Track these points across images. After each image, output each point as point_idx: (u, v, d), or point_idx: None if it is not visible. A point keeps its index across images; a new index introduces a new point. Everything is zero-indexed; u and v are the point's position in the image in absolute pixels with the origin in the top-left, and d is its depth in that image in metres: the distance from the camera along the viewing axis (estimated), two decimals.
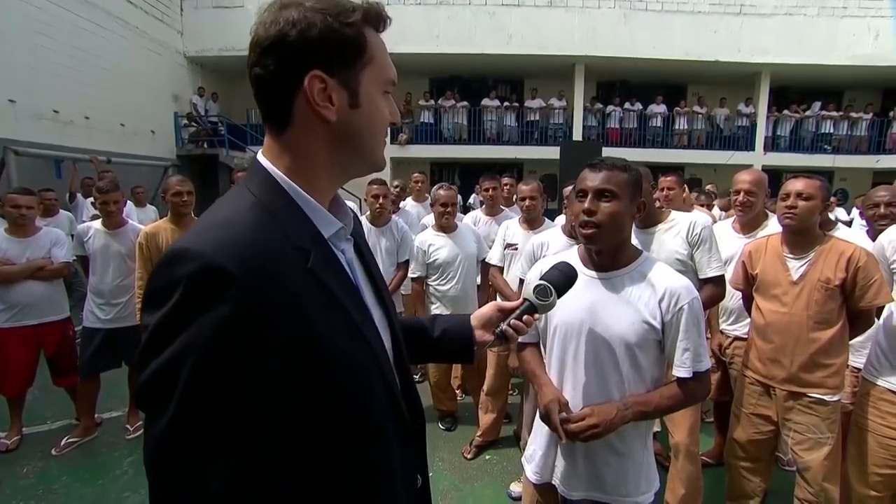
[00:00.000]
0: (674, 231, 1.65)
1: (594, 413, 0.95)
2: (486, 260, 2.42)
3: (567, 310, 1.01)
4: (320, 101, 0.53)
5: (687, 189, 2.74)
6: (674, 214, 1.69)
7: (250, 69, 0.53)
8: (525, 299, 0.78)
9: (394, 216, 2.77)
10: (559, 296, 0.81)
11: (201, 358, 0.43)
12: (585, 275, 1.02)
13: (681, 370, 0.97)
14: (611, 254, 1.00)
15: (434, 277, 2.43)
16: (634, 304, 0.96)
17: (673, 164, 10.11)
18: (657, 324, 0.95)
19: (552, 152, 7.55)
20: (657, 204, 1.75)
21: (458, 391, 2.90)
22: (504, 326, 0.75)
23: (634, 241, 1.69)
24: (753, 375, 1.64)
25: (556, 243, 1.88)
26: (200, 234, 0.47)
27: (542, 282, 0.81)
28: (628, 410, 0.95)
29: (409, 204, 3.79)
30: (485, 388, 2.38)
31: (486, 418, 2.37)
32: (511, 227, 2.39)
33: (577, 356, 1.00)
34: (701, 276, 1.63)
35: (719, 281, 1.64)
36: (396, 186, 3.45)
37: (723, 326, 2.10)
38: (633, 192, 0.97)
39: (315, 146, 0.55)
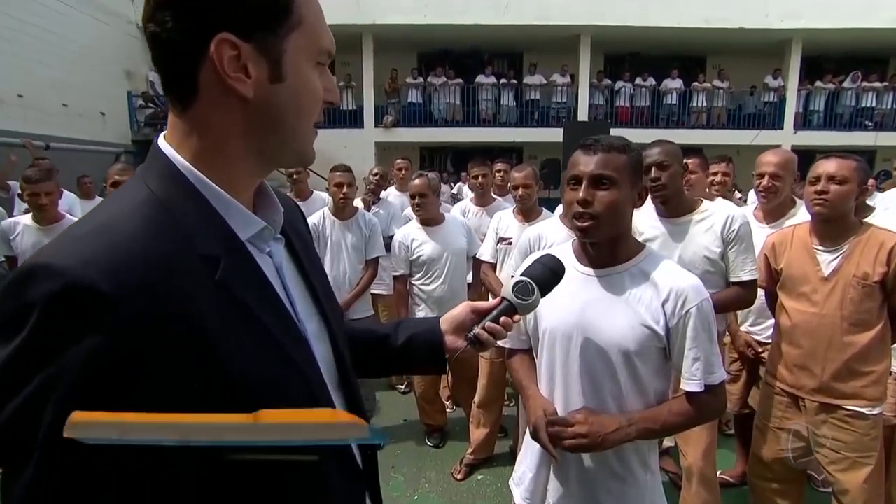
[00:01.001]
0: (706, 224, 1.61)
1: (587, 420, 0.93)
2: (477, 256, 2.45)
3: (557, 311, 0.99)
4: (231, 73, 0.47)
5: (729, 171, 2.65)
6: (707, 205, 1.65)
7: (144, 24, 0.48)
8: (503, 298, 0.77)
9: (361, 208, 2.76)
10: (543, 294, 0.80)
11: (66, 402, 0.38)
12: (580, 272, 1.00)
13: (691, 383, 0.94)
14: (608, 248, 0.98)
15: (418, 276, 2.40)
16: (634, 305, 0.94)
17: (689, 146, 10.03)
18: (660, 329, 0.93)
19: (555, 134, 7.54)
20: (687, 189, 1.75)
21: (447, 402, 2.87)
22: (477, 330, 0.73)
23: (659, 231, 1.67)
24: (779, 385, 1.60)
25: (553, 235, 1.84)
26: (70, 243, 0.42)
27: (522, 278, 0.79)
28: (632, 427, 0.93)
29: (391, 194, 3.75)
30: (476, 399, 2.34)
31: (478, 433, 2.35)
32: (504, 218, 2.36)
33: (567, 365, 0.99)
34: (733, 279, 1.60)
35: (751, 286, 1.62)
36: (376, 174, 3.37)
37: (743, 328, 2.07)
38: (633, 177, 0.94)
39: (228, 128, 0.50)
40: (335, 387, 0.58)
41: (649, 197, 1.73)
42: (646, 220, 1.73)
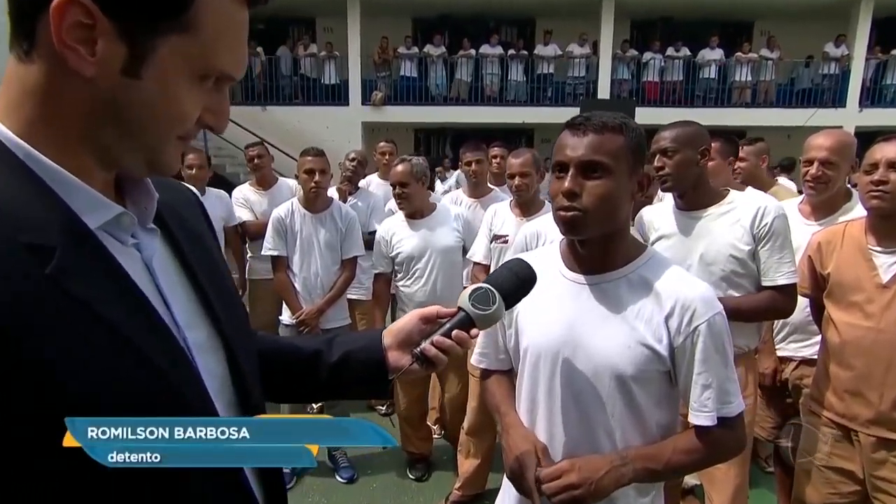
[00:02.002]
0: (732, 217, 1.58)
1: (574, 468, 0.90)
2: (468, 256, 2.42)
3: (540, 326, 0.98)
4: (68, 40, 0.45)
5: (747, 155, 2.63)
6: (733, 195, 1.62)
7: None
8: (459, 308, 0.76)
9: (337, 200, 2.77)
10: (509, 304, 0.79)
11: None
12: (567, 278, 0.98)
13: (701, 415, 0.91)
14: (601, 249, 0.95)
15: (399, 276, 2.42)
16: (631, 320, 0.91)
17: (732, 128, 10.15)
18: (663, 349, 0.90)
19: (571, 115, 7.39)
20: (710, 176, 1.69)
21: (435, 427, 2.85)
22: (425, 345, 0.72)
23: (675, 226, 1.64)
24: (827, 414, 1.55)
25: (553, 233, 1.82)
26: None
27: (482, 285, 0.78)
28: (627, 466, 0.89)
29: (373, 182, 3.73)
30: (466, 424, 2.29)
31: (466, 465, 2.31)
32: (500, 212, 2.36)
33: (551, 391, 0.96)
34: (766, 283, 1.57)
35: (790, 291, 1.58)
36: (353, 159, 3.40)
37: (779, 346, 2.01)
38: (632, 163, 0.91)
39: (70, 104, 0.48)
40: (230, 407, 0.58)
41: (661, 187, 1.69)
42: (661, 215, 1.71)
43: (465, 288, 0.87)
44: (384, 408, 3.20)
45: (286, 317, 2.56)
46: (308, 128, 9.61)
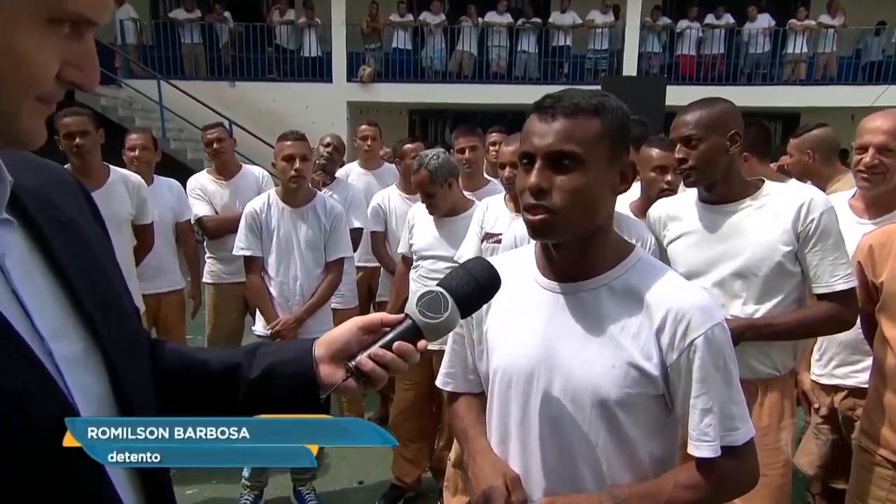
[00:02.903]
0: (770, 212, 1.56)
1: None
2: (455, 258, 2.45)
3: (513, 343, 0.98)
4: None
5: (809, 152, 2.62)
6: (771, 187, 1.61)
7: None
8: (406, 315, 0.77)
9: (321, 191, 2.79)
10: (465, 312, 0.80)
11: None
12: (542, 287, 0.98)
13: (702, 445, 0.90)
14: (578, 252, 0.94)
15: (413, 268, 2.55)
16: (615, 335, 0.91)
17: (784, 111, 10.00)
18: (653, 368, 0.89)
19: None
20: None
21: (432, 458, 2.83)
22: (362, 358, 0.72)
23: (698, 222, 1.63)
24: (882, 452, 1.54)
25: None
26: None
27: (433, 288, 0.79)
28: None
29: (353, 172, 3.74)
30: (453, 455, 2.31)
31: (454, 503, 2.31)
32: (493, 207, 2.38)
33: (525, 418, 0.96)
34: (819, 290, 1.54)
35: (850, 298, 1.54)
36: (328, 144, 3.36)
37: (818, 371, 1.98)
38: (612, 151, 0.90)
39: None
40: None
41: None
42: (682, 208, 1.69)
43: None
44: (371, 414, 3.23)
45: (259, 327, 2.59)
46: (284, 108, 9.64)
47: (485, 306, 0.90)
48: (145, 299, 2.79)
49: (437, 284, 0.80)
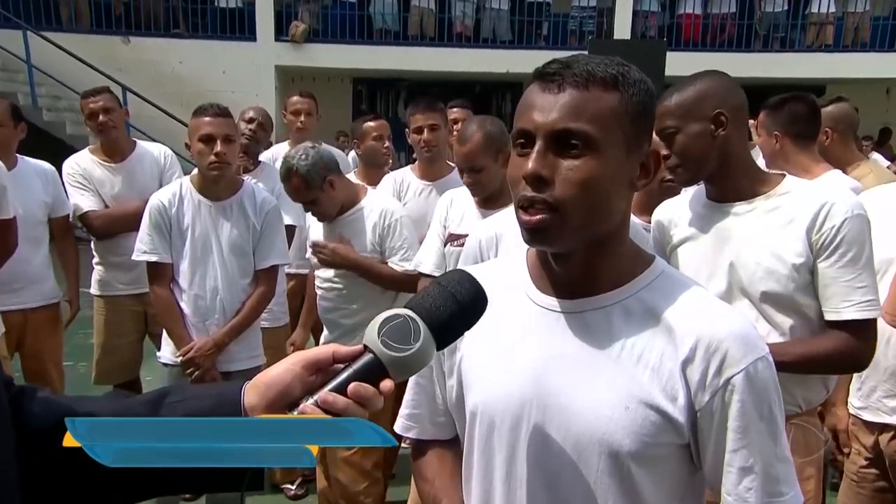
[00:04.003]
0: (783, 215, 1.57)
1: None
2: (413, 266, 2.46)
3: (495, 376, 0.96)
4: None
5: (827, 131, 2.66)
6: (791, 183, 1.61)
7: None
8: (364, 347, 0.75)
9: (249, 181, 2.76)
10: (443, 342, 0.78)
11: None
12: (537, 304, 0.96)
13: None
14: (585, 263, 0.92)
15: None
16: (629, 367, 0.89)
17: (805, 82, 9.83)
18: (678, 412, 0.87)
19: None
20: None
21: None
22: (307, 405, 0.71)
23: (701, 224, 1.65)
24: None
25: (515, 234, 1.83)
26: None
27: (400, 311, 0.77)
28: None
29: (282, 154, 3.66)
30: (410, 501, 2.28)
31: None
32: (458, 201, 2.40)
33: (511, 475, 0.94)
34: (829, 317, 1.56)
35: (864, 331, 1.54)
36: (251, 120, 3.31)
37: (858, 404, 1.99)
38: (631, 133, 0.88)
39: None
40: None
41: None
42: (690, 206, 1.71)
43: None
44: (294, 486, 3.18)
45: (166, 353, 2.53)
46: (194, 72, 9.48)
47: None
48: (6, 317, 2.69)
49: (406, 305, 0.78)
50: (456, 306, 0.78)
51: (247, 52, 9.80)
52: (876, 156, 3.80)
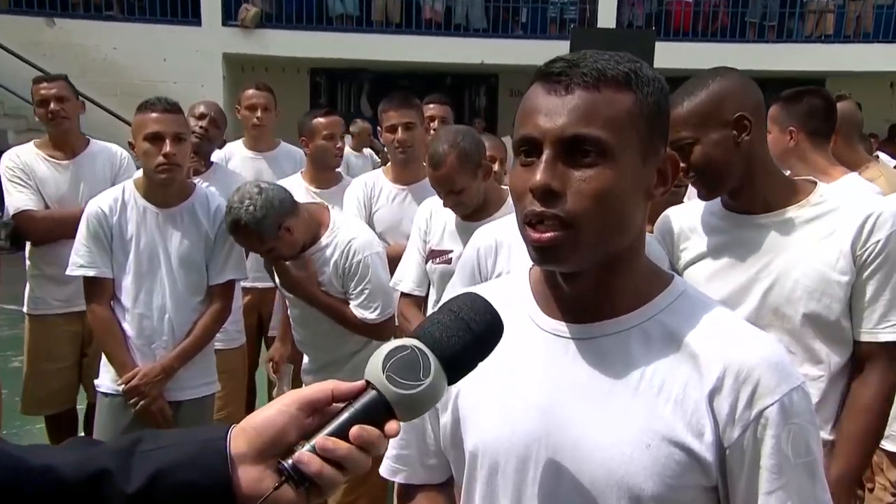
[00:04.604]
0: (822, 227, 1.56)
1: None
2: (392, 283, 2.50)
3: (497, 412, 0.96)
4: None
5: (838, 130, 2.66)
6: (825, 191, 1.61)
7: None
8: (367, 384, 0.74)
9: (202, 185, 2.77)
10: (455, 376, 0.78)
11: None
12: (544, 329, 0.96)
13: None
14: (598, 283, 0.93)
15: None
16: (649, 399, 0.89)
17: (803, 75, 9.83)
18: (706, 449, 0.87)
19: (556, 53, 7.51)
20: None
21: None
22: (303, 453, 0.70)
23: (717, 240, 1.65)
24: None
25: (517, 244, 1.87)
26: None
27: (407, 342, 0.76)
28: None
29: (236, 155, 3.71)
30: None
31: None
32: (439, 213, 2.43)
33: None
34: (859, 337, 1.58)
35: None
36: (202, 115, 3.31)
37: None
38: (647, 138, 0.89)
39: None
40: None
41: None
42: (706, 218, 1.71)
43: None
44: None
45: (106, 380, 2.50)
46: (131, 60, 9.34)
47: None
48: None
49: (413, 335, 0.77)
50: (470, 336, 0.77)
51: (191, 38, 9.70)
52: (883, 157, 3.90)
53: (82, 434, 3.50)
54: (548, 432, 0.91)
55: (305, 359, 2.67)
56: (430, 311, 2.46)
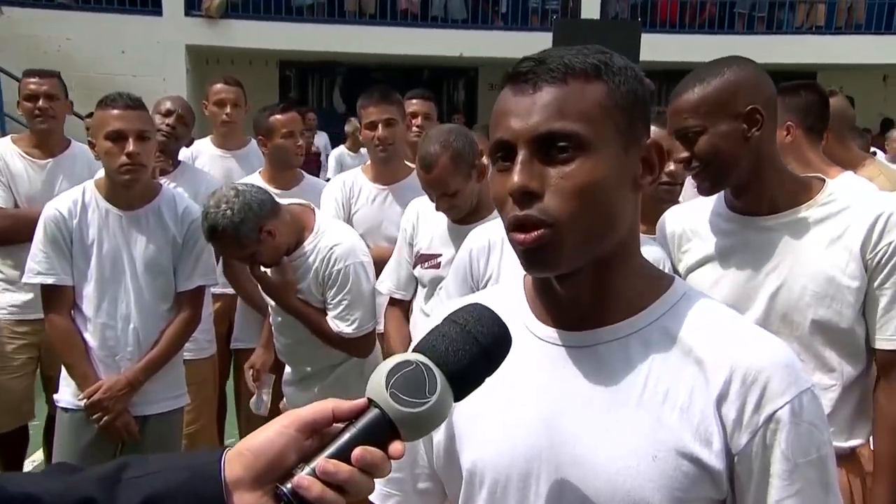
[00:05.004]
0: (832, 228, 1.57)
1: None
2: (355, 328, 2.46)
3: (493, 429, 0.96)
4: None
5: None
6: (835, 189, 1.62)
7: None
8: (369, 401, 0.74)
9: (168, 185, 2.78)
10: (461, 391, 0.78)
11: None
12: (539, 338, 0.97)
13: None
14: (594, 284, 0.94)
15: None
16: (653, 408, 0.89)
17: (793, 68, 9.94)
18: (715, 458, 0.88)
19: (537, 44, 7.61)
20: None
21: None
22: (302, 477, 0.70)
23: (722, 244, 1.65)
24: None
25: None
26: None
27: (410, 357, 0.77)
28: None
29: (203, 153, 3.70)
30: None
31: None
32: (426, 214, 2.45)
33: None
34: (877, 345, 1.59)
35: None
36: (169, 112, 3.29)
37: None
38: (625, 127, 0.90)
39: None
40: None
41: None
42: (709, 219, 1.72)
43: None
44: None
45: (67, 394, 2.47)
46: (86, 52, 9.26)
47: None
48: None
49: (416, 349, 0.77)
50: (478, 349, 0.77)
51: (151, 28, 9.62)
52: (881, 155, 3.93)
53: (39, 453, 3.47)
54: (550, 446, 0.91)
55: (287, 369, 2.66)
56: (417, 316, 2.47)
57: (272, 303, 2.50)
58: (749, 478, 0.88)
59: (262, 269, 2.42)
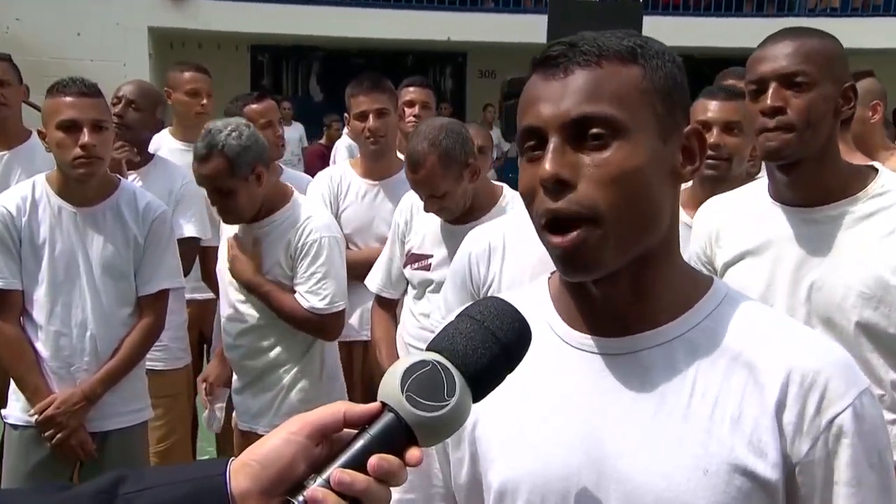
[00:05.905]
0: (883, 222, 1.58)
1: None
2: (327, 303, 2.51)
3: (525, 444, 0.96)
4: None
5: (876, 106, 2.78)
6: (887, 178, 1.62)
7: None
8: (383, 405, 0.75)
9: (126, 181, 2.76)
10: (479, 392, 0.78)
11: None
12: (570, 345, 0.98)
13: None
14: (632, 284, 0.94)
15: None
16: (704, 419, 0.90)
17: None
18: (771, 469, 0.88)
19: (532, 28, 7.78)
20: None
21: None
22: (314, 489, 0.70)
23: (773, 235, 1.66)
24: None
25: (521, 248, 1.86)
26: None
27: (426, 356, 0.77)
28: None
29: (163, 145, 3.73)
30: None
31: None
32: (418, 213, 2.49)
33: None
34: None
35: None
36: (129, 102, 3.33)
37: None
38: (664, 114, 0.91)
39: None
40: None
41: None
42: (751, 210, 1.73)
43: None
44: None
45: (16, 409, 2.48)
46: (38, 34, 9.25)
47: None
48: None
49: (431, 347, 0.77)
50: (497, 347, 0.78)
51: (110, 9, 9.60)
52: None
53: None
54: (590, 463, 0.92)
55: (234, 377, 2.67)
56: (405, 317, 2.51)
57: (229, 288, 2.53)
58: (812, 488, 0.89)
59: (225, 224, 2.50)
